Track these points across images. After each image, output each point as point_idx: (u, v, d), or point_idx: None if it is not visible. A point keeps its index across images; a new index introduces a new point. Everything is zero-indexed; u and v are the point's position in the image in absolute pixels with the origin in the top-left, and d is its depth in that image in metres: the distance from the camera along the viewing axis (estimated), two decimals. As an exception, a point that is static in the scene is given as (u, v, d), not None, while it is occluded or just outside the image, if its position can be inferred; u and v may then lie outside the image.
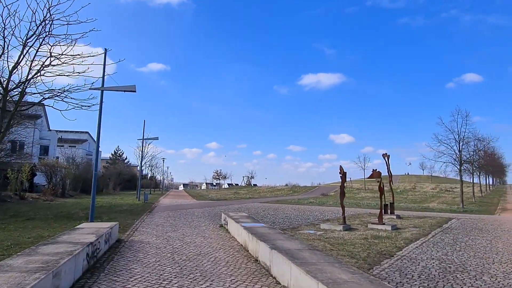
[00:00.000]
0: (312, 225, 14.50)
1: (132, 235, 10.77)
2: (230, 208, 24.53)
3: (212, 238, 10.71)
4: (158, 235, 10.90)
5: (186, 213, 19.14)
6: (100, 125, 13.44)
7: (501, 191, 57.40)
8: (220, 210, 21.48)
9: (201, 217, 17.08)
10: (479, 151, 31.23)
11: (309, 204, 30.83)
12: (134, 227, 12.59)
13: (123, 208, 20.80)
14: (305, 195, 50.53)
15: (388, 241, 10.58)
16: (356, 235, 11.76)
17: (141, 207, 22.20)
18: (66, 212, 17.58)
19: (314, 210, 23.55)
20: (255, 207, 25.93)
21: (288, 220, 16.45)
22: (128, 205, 23.40)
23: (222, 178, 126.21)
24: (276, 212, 21.40)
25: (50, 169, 33.96)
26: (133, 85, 13.66)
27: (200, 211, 21.06)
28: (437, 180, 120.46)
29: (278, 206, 27.33)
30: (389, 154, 19.15)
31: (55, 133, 51.41)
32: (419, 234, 12.44)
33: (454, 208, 27.45)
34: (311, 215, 19.64)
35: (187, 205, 26.32)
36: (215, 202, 31.74)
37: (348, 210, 23.61)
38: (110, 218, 15.29)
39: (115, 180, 61.73)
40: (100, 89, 13.52)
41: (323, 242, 10.35)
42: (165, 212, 19.70)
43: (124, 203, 25.84)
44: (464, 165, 29.31)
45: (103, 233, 8.01)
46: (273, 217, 17.84)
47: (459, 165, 28.42)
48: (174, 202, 29.73)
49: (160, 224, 13.77)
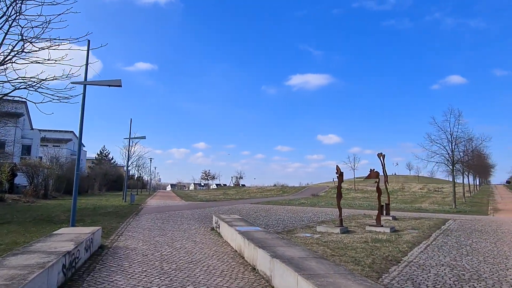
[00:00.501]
0: (307, 228, 13.88)
1: (117, 240, 9.95)
2: (220, 209, 23.77)
3: (203, 243, 9.97)
4: (145, 240, 10.11)
5: (174, 215, 18.31)
6: (82, 121, 12.54)
7: (488, 191, 58.03)
8: (210, 212, 20.71)
9: (191, 220, 16.30)
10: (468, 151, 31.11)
11: (301, 205, 30.29)
12: (119, 231, 11.75)
13: (108, 210, 19.83)
14: (295, 196, 50.04)
15: (390, 245, 10.03)
16: (355, 239, 11.19)
17: (127, 209, 21.26)
18: (47, 215, 16.57)
19: (307, 212, 22.98)
20: (246, 208, 25.23)
21: (282, 223, 15.81)
22: (113, 207, 22.41)
23: (211, 178, 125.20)
24: (268, 214, 20.74)
25: (32, 169, 32.57)
26: (118, 79, 12.81)
27: (189, 213, 20.25)
28: (424, 180, 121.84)
29: (270, 207, 26.68)
30: (384, 154, 18.73)
31: (38, 132, 49.71)
32: (420, 236, 11.95)
33: (446, 208, 27.30)
34: (305, 217, 19.05)
35: (176, 207, 25.45)
36: (204, 203, 30.90)
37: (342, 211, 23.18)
38: (94, 221, 14.39)
39: (100, 180, 60.25)
40: (83, 83, 12.63)
41: (322, 246, 9.73)
42: (153, 214, 18.83)
43: (109, 204, 24.81)
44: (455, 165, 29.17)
45: (83, 240, 7.20)
46: (265, 219, 17.17)
47: (451, 165, 28.26)
48: (162, 204, 28.79)
49: (147, 228, 12.95)
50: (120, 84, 12.75)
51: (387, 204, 18.74)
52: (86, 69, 12.76)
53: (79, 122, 12.58)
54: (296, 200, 38.06)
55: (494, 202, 36.45)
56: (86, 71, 12.71)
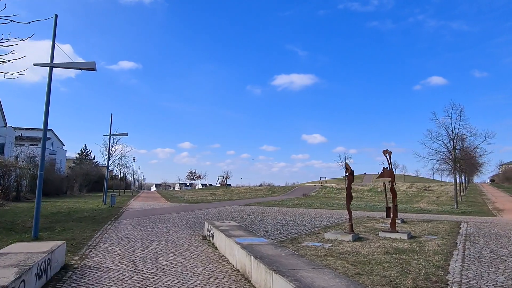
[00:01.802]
0: (313, 235, 12.17)
1: (87, 257, 7.99)
2: (210, 212, 21.87)
3: (195, 258, 8.11)
4: (123, 256, 8.19)
5: (159, 220, 16.34)
6: (48, 109, 10.46)
7: (478, 190, 57.76)
8: (199, 216, 18.78)
9: (178, 225, 14.37)
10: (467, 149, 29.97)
11: (296, 206, 28.62)
12: (92, 243, 9.76)
13: (84, 215, 17.68)
14: (286, 196, 48.41)
15: (419, 257, 8.40)
16: (373, 248, 9.54)
17: (107, 213, 19.13)
18: (11, 221, 14.39)
19: (305, 214, 21.31)
20: (238, 211, 23.39)
21: (282, 228, 14.06)
22: (91, 211, 20.23)
23: (197, 178, 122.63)
24: (264, 217, 18.96)
25: (3, 169, 29.90)
26: (92, 62, 10.82)
27: (176, 217, 18.28)
28: (410, 179, 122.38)
29: (263, 209, 24.90)
30: (391, 151, 17.19)
31: (12, 130, 46.61)
32: (445, 245, 10.39)
33: (446, 209, 26.11)
34: (305, 220, 17.36)
35: (161, 210, 23.40)
36: (192, 205, 28.88)
37: (341, 213, 21.57)
38: (65, 229, 12.33)
39: (81, 181, 57.40)
40: (48, 66, 10.58)
41: (339, 260, 8.02)
42: (135, 219, 16.80)
43: (87, 207, 22.57)
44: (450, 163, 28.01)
45: (33, 264, 5.27)
46: (263, 224, 15.40)
47: (453, 163, 27.09)
48: (146, 206, 26.64)
49: (127, 237, 10.98)
50: (95, 67, 10.76)
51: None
52: (53, 49, 10.71)
53: (44, 112, 10.50)
54: (289, 200, 36.39)
55: (490, 202, 35.64)
56: (52, 51, 10.66)
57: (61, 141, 69.11)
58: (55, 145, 65.13)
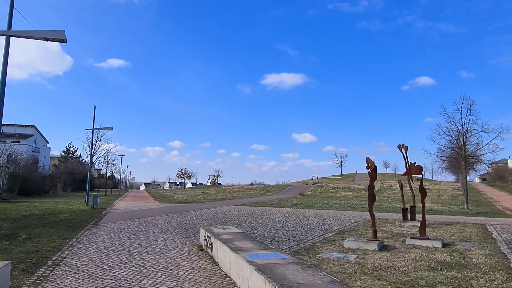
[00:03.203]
0: (328, 242, 10.29)
1: (45, 280, 5.95)
2: (204, 214, 19.86)
3: (191, 279, 6.14)
4: (95, 277, 6.17)
5: (146, 224, 14.29)
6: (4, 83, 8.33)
7: (474, 189, 56.80)
8: (192, 218, 16.74)
9: (168, 231, 12.35)
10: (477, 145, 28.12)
11: (295, 206, 26.74)
12: (58, 257, 7.70)
13: (60, 218, 15.52)
14: (281, 195, 46.56)
15: (476, 275, 6.58)
16: (410, 261, 7.70)
17: (86, 216, 16.97)
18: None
19: (309, 216, 19.46)
20: (234, 212, 21.43)
21: (290, 233, 12.16)
22: (69, 213, 18.04)
23: (187, 177, 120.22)
24: (264, 219, 17.03)
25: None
26: (61, 31, 8.73)
27: (165, 220, 16.24)
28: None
29: (262, 210, 22.95)
30: (407, 145, 15.45)
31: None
32: (492, 255, 8.61)
33: (456, 209, 24.51)
34: (312, 224, 15.49)
35: (148, 211, 21.29)
36: (182, 206, 26.78)
37: (348, 214, 19.71)
38: (31, 236, 10.23)
39: (65, 180, 54.70)
40: (5, 34, 8.46)
41: (377, 280, 6.17)
42: (117, 223, 14.72)
43: (66, 209, 20.34)
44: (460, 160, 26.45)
45: None
46: (266, 229, 13.48)
47: (463, 160, 25.51)
48: (132, 207, 24.47)
49: (105, 248, 8.94)
50: (64, 38, 8.70)
51: (412, 207, 15.48)
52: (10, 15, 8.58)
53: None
54: (286, 200, 34.51)
55: (494, 201, 34.34)
56: (10, 16, 8.54)
57: (45, 138, 66.06)
58: (38, 142, 62.15)
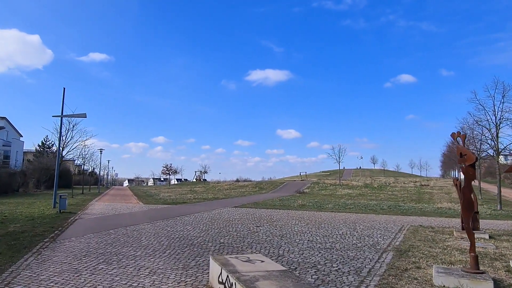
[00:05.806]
0: (403, 274, 6.67)
1: None
2: (199, 219, 16.05)
3: None
4: None
5: (124, 240, 10.41)
6: None
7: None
8: (186, 228, 12.84)
9: (156, 254, 8.53)
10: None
11: (304, 208, 23.07)
12: None
13: (7, 230, 11.49)
14: (277, 193, 42.95)
15: None
16: None
17: (46, 225, 12.93)
18: None
19: (332, 223, 15.86)
20: (236, 217, 17.67)
21: (333, 257, 8.50)
22: (25, 220, 13.95)
23: (173, 173, 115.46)
24: (281, 230, 13.29)
25: None
26: None
27: (151, 231, 12.37)
28: (390, 174, 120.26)
29: (269, 213, 19.17)
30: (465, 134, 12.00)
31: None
32: None
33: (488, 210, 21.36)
34: (347, 236, 11.88)
35: (129, 216, 17.33)
36: (171, 208, 22.81)
37: (375, 219, 15.83)
38: None
39: (39, 176, 49.83)
40: None
41: None
42: (84, 237, 10.80)
43: (25, 214, 16.18)
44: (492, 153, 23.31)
45: None
46: (294, 247, 9.81)
47: (495, 153, 22.38)
48: (110, 210, 20.38)
49: (45, 301, 5.09)
50: None
51: (476, 213, 12.06)
52: None
53: None
54: (288, 200, 30.85)
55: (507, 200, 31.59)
56: None
57: (18, 132, 60.54)
58: (10, 135, 56.75)
